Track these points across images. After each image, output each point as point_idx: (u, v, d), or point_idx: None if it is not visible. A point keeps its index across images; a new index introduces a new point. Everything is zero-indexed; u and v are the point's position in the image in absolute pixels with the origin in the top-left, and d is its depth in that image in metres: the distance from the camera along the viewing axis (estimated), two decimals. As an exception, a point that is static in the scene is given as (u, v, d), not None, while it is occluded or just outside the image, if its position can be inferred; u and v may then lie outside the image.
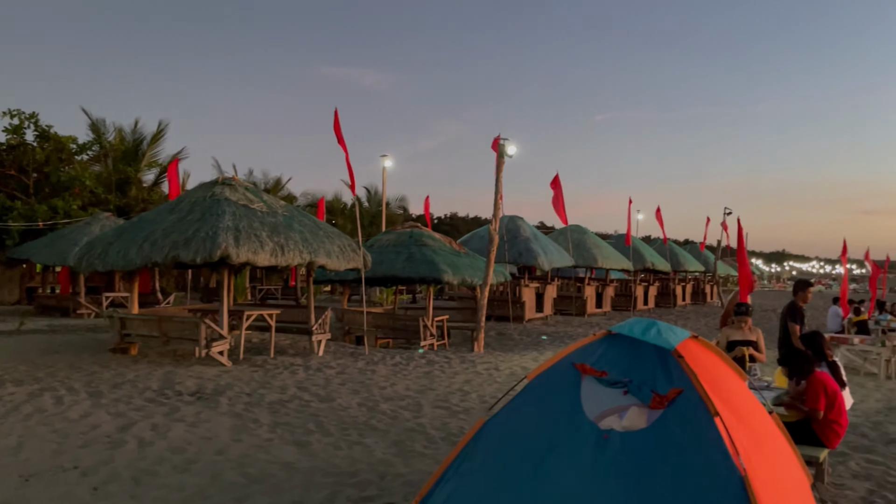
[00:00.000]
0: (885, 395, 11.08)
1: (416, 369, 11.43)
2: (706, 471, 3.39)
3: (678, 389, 3.70)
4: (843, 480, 6.25)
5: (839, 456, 7.01)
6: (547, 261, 20.51)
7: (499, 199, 14.66)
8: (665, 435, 3.59)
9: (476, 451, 3.96)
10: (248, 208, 10.87)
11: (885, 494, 5.89)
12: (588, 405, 3.85)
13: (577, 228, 27.06)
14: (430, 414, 8.27)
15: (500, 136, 14.23)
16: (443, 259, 14.36)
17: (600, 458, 3.62)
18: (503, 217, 21.49)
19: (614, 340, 4.12)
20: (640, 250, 29.53)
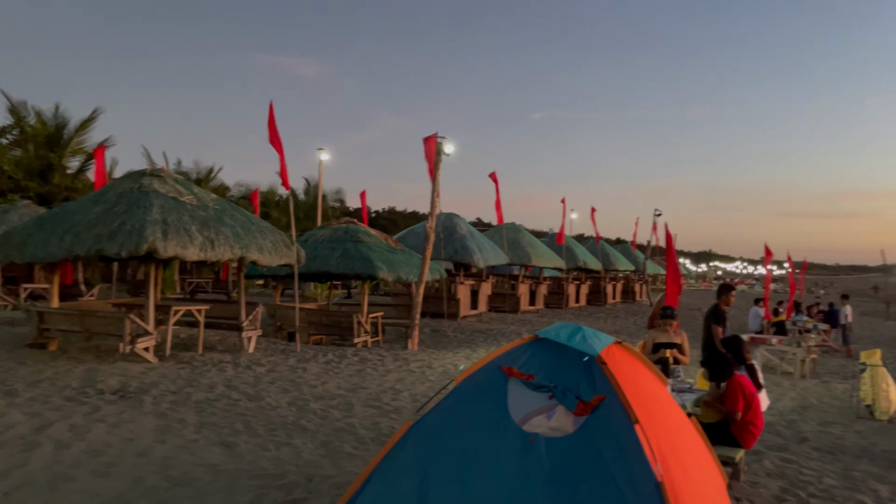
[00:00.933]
0: (799, 393, 11.62)
1: (348, 367, 11.36)
2: (625, 477, 3.48)
3: (601, 396, 3.79)
4: (758, 479, 6.52)
5: (755, 455, 7.31)
6: (482, 258, 20.68)
7: (435, 196, 14.69)
8: (588, 441, 3.68)
9: (402, 454, 3.97)
10: (178, 201, 10.57)
11: (797, 492, 6.17)
12: (514, 409, 3.90)
13: (512, 227, 27.36)
14: (360, 413, 8.23)
15: (437, 134, 14.25)
16: (378, 256, 14.31)
17: (525, 463, 3.67)
18: (440, 214, 21.50)
19: (541, 345, 4.18)
20: (573, 249, 30.07)
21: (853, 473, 6.90)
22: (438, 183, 14.61)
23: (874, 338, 23.38)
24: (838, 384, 12.72)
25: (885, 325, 30.13)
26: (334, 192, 39.62)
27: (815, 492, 6.21)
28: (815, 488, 6.32)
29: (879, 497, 6.18)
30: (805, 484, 6.43)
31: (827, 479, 6.64)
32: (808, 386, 12.48)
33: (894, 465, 7.32)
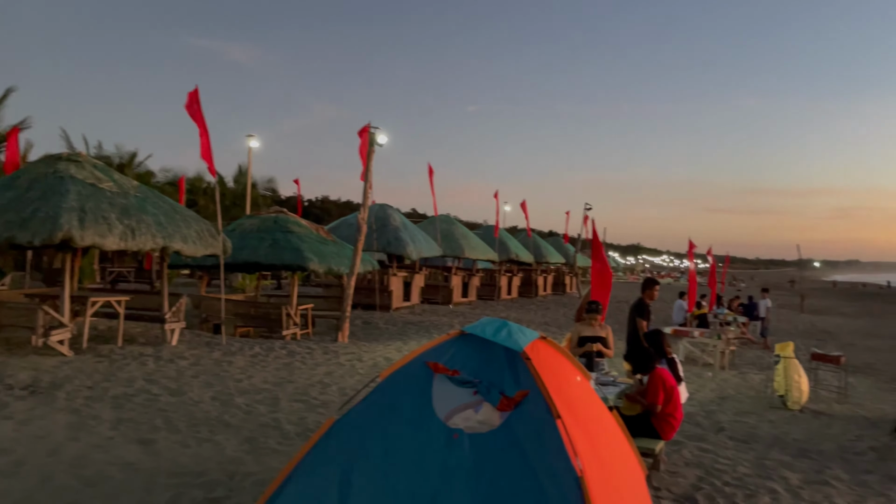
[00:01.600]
0: (718, 385, 12.03)
1: (275, 360, 11.15)
2: (547, 472, 3.51)
3: (524, 392, 3.81)
4: (677, 468, 6.72)
5: (675, 445, 7.52)
6: (415, 250, 20.64)
7: (368, 187, 14.55)
8: (511, 436, 3.69)
9: (325, 450, 3.91)
10: (96, 188, 10.12)
11: (713, 481, 6.39)
12: (439, 404, 3.89)
13: (445, 218, 27.41)
14: (287, 408, 8.09)
15: (369, 124, 14.10)
16: (309, 247, 14.08)
17: (449, 458, 3.67)
18: (373, 205, 21.37)
19: (467, 340, 4.18)
20: (506, 242, 30.35)
21: (765, 462, 7.19)
22: (371, 174, 14.47)
23: (789, 330, 24.48)
24: (755, 375, 13.24)
25: (800, 317, 31.60)
26: (266, 181, 38.79)
27: (730, 480, 6.44)
28: (730, 476, 6.55)
29: (789, 484, 6.45)
30: (720, 472, 6.66)
31: (741, 467, 6.90)
32: (727, 377, 12.94)
33: (804, 454, 7.66)
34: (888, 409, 10.62)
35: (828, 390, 12.00)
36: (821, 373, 12.83)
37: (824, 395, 11.66)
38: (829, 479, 6.73)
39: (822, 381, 12.61)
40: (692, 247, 20.63)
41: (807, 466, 7.12)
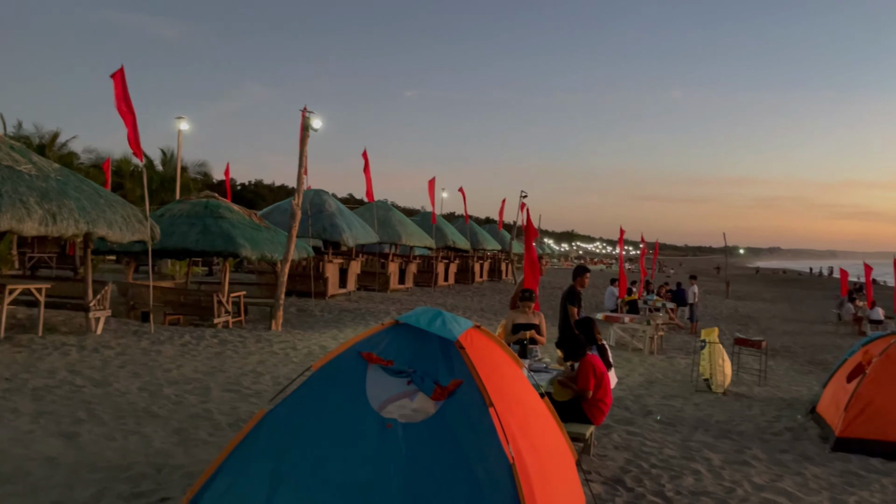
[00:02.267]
0: (647, 369, 12.39)
1: (206, 349, 10.91)
2: (479, 459, 3.55)
3: (458, 381, 3.83)
4: (607, 452, 6.90)
5: (605, 429, 7.72)
6: (352, 236, 20.46)
7: (303, 172, 14.33)
8: (444, 425, 3.72)
9: (256, 441, 3.85)
10: (13, 170, 9.62)
11: (640, 463, 6.58)
12: (373, 395, 3.88)
13: (382, 205, 27.28)
14: (218, 398, 7.93)
15: (306, 108, 13.87)
16: (241, 233, 13.78)
17: (382, 448, 3.67)
18: (308, 191, 21.09)
19: (401, 330, 4.18)
20: (443, 229, 30.43)
21: (690, 443, 7.46)
22: (306, 158, 14.25)
23: (715, 315, 25.41)
24: (682, 359, 13.70)
25: (725, 303, 32.81)
26: (197, 164, 37.74)
27: (656, 462, 6.65)
28: (656, 459, 6.77)
29: (711, 465, 6.71)
30: (647, 455, 6.88)
31: (667, 449, 7.14)
32: (656, 362, 13.34)
33: (725, 435, 7.98)
34: (804, 391, 11.15)
35: (749, 373, 12.52)
36: (743, 356, 13.39)
37: (746, 378, 12.16)
38: (748, 458, 7.03)
39: (745, 364, 13.16)
40: (622, 234, 21.12)
41: (728, 447, 7.42)
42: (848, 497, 6.05)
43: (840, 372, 8.76)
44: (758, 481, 6.30)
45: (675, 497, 5.71)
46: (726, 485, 6.13)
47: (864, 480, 6.56)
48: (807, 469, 6.80)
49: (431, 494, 3.49)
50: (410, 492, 3.50)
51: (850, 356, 8.95)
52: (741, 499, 5.80)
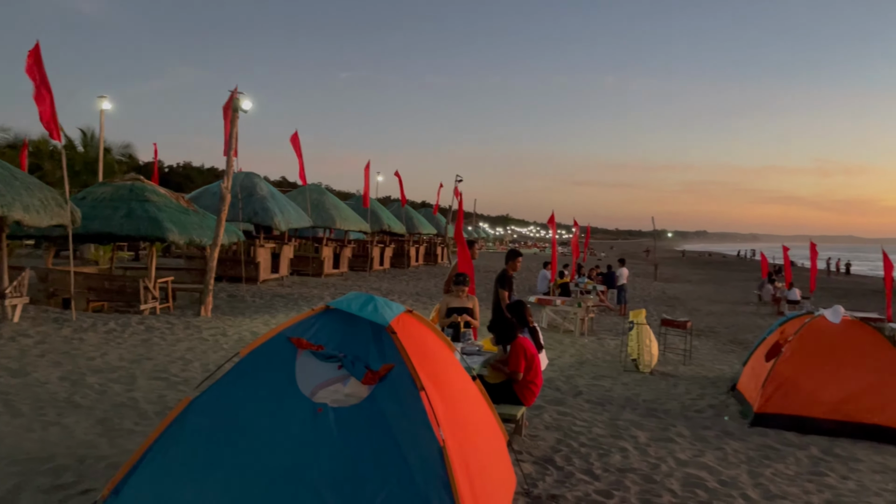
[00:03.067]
0: (578, 350, 12.66)
1: (132, 336, 10.58)
2: (411, 443, 3.56)
3: (389, 365, 3.83)
4: (538, 432, 7.03)
5: (536, 410, 7.86)
6: (284, 220, 20.12)
7: (232, 154, 13.98)
8: (375, 409, 3.71)
9: (182, 429, 3.77)
10: (-81, 150, 9.08)
11: (570, 442, 6.74)
12: (303, 380, 3.84)
13: (316, 188, 26.91)
14: (145, 386, 7.71)
15: (236, 89, 13.51)
16: (168, 216, 13.37)
17: (313, 433, 3.64)
18: (239, 174, 20.61)
19: (332, 315, 4.14)
20: (378, 212, 30.26)
21: (618, 422, 7.67)
22: (236, 140, 13.90)
23: (644, 297, 26.13)
24: (611, 340, 14.05)
25: (653, 285, 33.76)
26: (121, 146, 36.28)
27: (586, 441, 6.82)
28: (586, 437, 6.94)
29: (638, 442, 6.92)
30: (577, 434, 7.04)
31: (596, 428, 7.33)
32: (586, 343, 13.65)
33: (652, 413, 8.24)
34: (726, 370, 11.60)
35: (675, 353, 12.94)
36: (669, 337, 13.83)
37: (672, 357, 12.57)
38: (673, 436, 7.28)
39: (671, 344, 13.60)
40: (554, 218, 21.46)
41: (654, 425, 7.67)
42: (764, 469, 6.34)
43: (759, 350, 9.15)
44: (681, 457, 6.53)
45: (602, 474, 5.87)
46: (652, 461, 6.34)
47: (780, 454, 6.88)
48: (727, 444, 7.09)
49: (362, 478, 3.49)
50: (341, 476, 3.49)
51: (768, 335, 9.36)
52: (665, 474, 6.00)
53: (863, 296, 31.90)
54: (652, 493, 5.50)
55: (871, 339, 8.11)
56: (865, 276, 52.75)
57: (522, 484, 5.35)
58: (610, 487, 5.56)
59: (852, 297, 30.59)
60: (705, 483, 5.84)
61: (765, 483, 5.95)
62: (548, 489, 5.41)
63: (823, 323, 8.36)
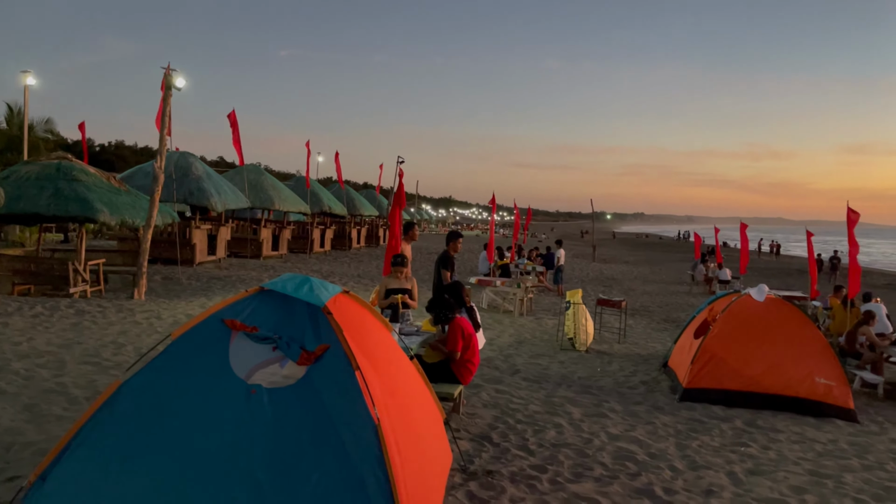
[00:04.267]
0: (517, 330, 12.86)
1: (61, 320, 10.25)
2: (345, 422, 3.58)
3: (325, 346, 3.83)
4: (476, 410, 7.15)
5: (475, 388, 7.98)
6: (220, 201, 19.69)
7: (166, 133, 13.60)
8: (311, 390, 3.71)
9: (113, 413, 3.69)
10: None
11: (507, 420, 6.87)
12: (237, 362, 3.81)
13: (254, 169, 26.41)
14: (74, 371, 7.50)
15: (169, 65, 13.12)
16: (98, 196, 12.93)
17: (247, 415, 3.62)
18: (173, 153, 20.07)
19: (266, 297, 4.10)
20: (318, 194, 29.90)
21: (553, 399, 7.85)
22: (169, 118, 13.52)
23: (581, 277, 26.64)
24: (549, 320, 14.31)
25: (591, 266, 34.43)
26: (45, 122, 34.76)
27: (522, 418, 6.97)
28: (522, 414, 7.09)
29: (572, 418, 7.11)
30: (514, 411, 7.19)
31: (532, 405, 7.49)
32: (525, 323, 13.86)
33: (586, 390, 8.46)
34: (659, 347, 11.98)
35: (610, 332, 13.29)
36: (605, 316, 14.16)
37: (607, 336, 12.90)
38: (606, 411, 7.50)
39: (606, 323, 13.94)
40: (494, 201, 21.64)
41: (588, 401, 7.88)
42: (691, 441, 6.60)
43: (689, 328, 9.47)
44: (613, 431, 6.75)
45: (537, 450, 6.01)
46: (585, 436, 6.53)
47: (706, 426, 7.18)
48: (657, 418, 7.36)
49: (297, 458, 3.50)
50: (276, 456, 3.49)
51: (697, 314, 9.70)
52: (598, 448, 6.19)
53: (789, 275, 33.28)
54: (584, 467, 5.67)
55: (792, 315, 8.50)
56: (794, 257, 54.94)
57: (459, 461, 5.44)
58: (544, 462, 5.71)
59: (780, 277, 31.88)
60: (635, 456, 6.05)
61: (691, 455, 6.21)
62: (484, 465, 5.52)
63: (749, 301, 8.71)
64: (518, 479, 5.28)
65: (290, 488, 3.45)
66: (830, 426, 7.52)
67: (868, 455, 6.59)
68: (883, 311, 11.88)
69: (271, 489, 3.45)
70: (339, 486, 3.42)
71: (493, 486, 5.07)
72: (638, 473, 5.62)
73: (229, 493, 3.47)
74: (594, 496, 5.05)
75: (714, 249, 28.17)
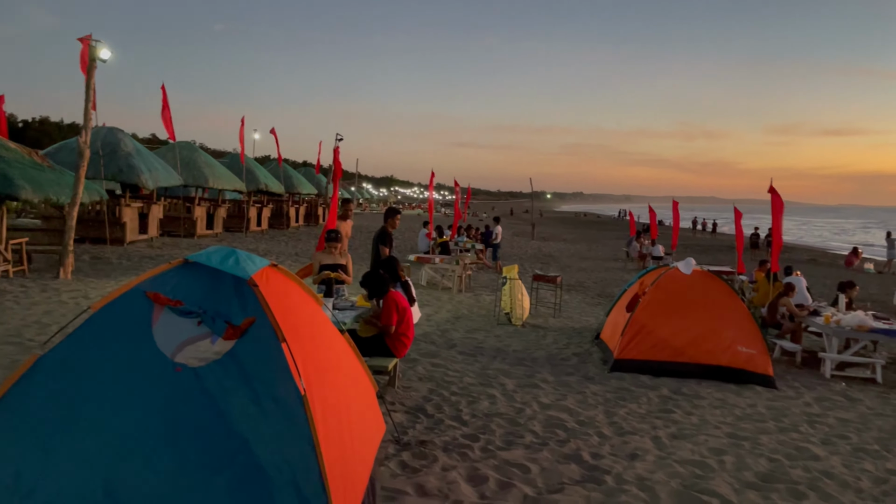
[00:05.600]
0: (454, 306, 12.96)
1: (-20, 301, 9.84)
2: (270, 394, 3.56)
3: (251, 319, 3.79)
4: (411, 383, 7.20)
5: (411, 363, 8.04)
6: (151, 178, 19.11)
7: (91, 108, 13.10)
8: (236, 363, 3.67)
9: (29, 390, 3.58)
10: None
11: (442, 392, 6.96)
12: (160, 336, 3.74)
13: (187, 145, 25.69)
14: (-7, 352, 7.23)
15: (90, 36, 12.60)
16: (20, 173, 12.39)
17: (171, 389, 3.56)
18: (101, 128, 19.38)
19: (191, 269, 4.02)
20: (254, 171, 29.32)
21: (488, 371, 7.98)
22: (94, 92, 13.02)
23: (521, 255, 26.97)
24: (487, 296, 14.47)
25: (531, 243, 34.88)
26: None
27: (456, 390, 7.06)
28: (457, 386, 7.19)
29: (506, 389, 7.24)
30: (448, 384, 7.28)
31: (467, 377, 7.59)
32: (463, 299, 13.98)
33: (520, 362, 8.62)
34: (592, 321, 12.26)
35: (546, 306, 13.53)
36: (542, 292, 14.40)
37: (543, 310, 13.13)
38: (538, 381, 7.67)
39: (543, 298, 14.18)
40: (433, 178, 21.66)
41: (521, 373, 8.03)
42: (619, 409, 6.81)
43: (620, 301, 9.73)
44: (544, 401, 6.91)
45: (470, 420, 6.11)
46: (517, 406, 6.66)
47: (634, 395, 7.41)
48: (587, 388, 7.56)
49: (223, 432, 3.47)
50: (201, 430, 3.45)
51: (629, 287, 9.96)
52: (529, 417, 6.34)
53: (721, 251, 34.41)
54: (515, 435, 5.80)
55: (717, 287, 8.82)
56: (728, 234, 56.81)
57: (393, 432, 5.49)
58: (476, 431, 5.81)
59: (713, 253, 32.95)
60: (565, 423, 6.22)
61: (618, 421, 6.41)
62: (417, 436, 5.58)
63: (676, 274, 8.99)
64: (451, 447, 5.37)
65: (216, 462, 3.42)
66: (751, 392, 7.86)
67: (784, 418, 6.92)
68: (803, 284, 12.42)
69: (197, 464, 3.42)
70: (265, 460, 3.41)
71: (425, 456, 5.14)
72: (567, 440, 5.77)
73: (153, 469, 3.42)
74: (524, 462, 5.17)
75: (648, 227, 28.87)
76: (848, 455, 5.92)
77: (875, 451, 6.05)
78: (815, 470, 5.48)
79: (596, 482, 4.90)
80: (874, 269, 28.40)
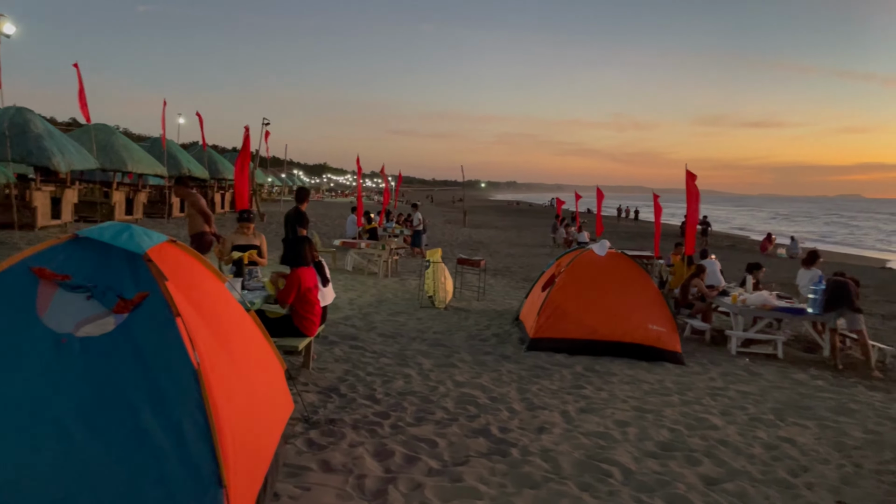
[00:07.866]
0: (379, 290, 12.95)
1: None
2: (164, 368, 3.49)
3: (144, 293, 3.70)
4: (327, 365, 7.17)
5: (329, 345, 8.00)
6: (64, 161, 18.31)
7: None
8: (128, 338, 3.59)
9: None
10: None
11: (357, 372, 6.95)
12: (46, 311, 3.62)
13: (104, 128, 24.71)
14: None
15: (-7, 9, 11.97)
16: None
17: (57, 365, 3.46)
18: (8, 108, 18.43)
19: (81, 244, 3.90)
20: (177, 155, 28.48)
21: (406, 352, 8.01)
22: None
23: (451, 241, 27.12)
24: (413, 281, 14.50)
25: (462, 230, 35.10)
26: None
27: (372, 370, 7.07)
28: (373, 367, 7.20)
29: (422, 369, 7.29)
30: (365, 364, 7.28)
31: (384, 359, 7.61)
32: (388, 283, 13.98)
33: (439, 343, 8.68)
34: (515, 304, 12.44)
35: (471, 290, 13.65)
36: (467, 275, 14.52)
37: (468, 294, 13.25)
38: (455, 361, 7.74)
39: (468, 282, 14.30)
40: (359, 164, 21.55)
41: (440, 353, 8.10)
42: (532, 386, 6.95)
43: (538, 283, 9.90)
44: (459, 379, 6.98)
45: (383, 398, 6.13)
46: (431, 384, 6.72)
47: (548, 372, 7.57)
48: (503, 366, 7.68)
49: (112, 406, 3.38)
50: (88, 405, 3.36)
51: (547, 269, 10.14)
52: (442, 394, 6.40)
53: (644, 238, 35.38)
54: (426, 412, 5.85)
55: (629, 268, 9.08)
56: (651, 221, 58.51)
57: (303, 412, 5.46)
58: (388, 409, 5.84)
59: (636, 239, 33.89)
60: (477, 400, 6.31)
61: (530, 397, 6.54)
62: (328, 415, 5.57)
63: (591, 256, 9.21)
64: (360, 425, 5.37)
65: (104, 436, 3.33)
66: (660, 369, 8.14)
67: (689, 392, 7.20)
68: (717, 267, 12.89)
69: (83, 439, 3.33)
70: (155, 431, 3.34)
71: (333, 434, 5.14)
72: (477, 415, 5.86)
73: (36, 447, 3.31)
74: (432, 437, 5.23)
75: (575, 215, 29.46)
76: (744, 424, 6.21)
77: (769, 421, 6.37)
78: (712, 438, 5.73)
79: (501, 454, 4.99)
80: (786, 255, 29.78)
